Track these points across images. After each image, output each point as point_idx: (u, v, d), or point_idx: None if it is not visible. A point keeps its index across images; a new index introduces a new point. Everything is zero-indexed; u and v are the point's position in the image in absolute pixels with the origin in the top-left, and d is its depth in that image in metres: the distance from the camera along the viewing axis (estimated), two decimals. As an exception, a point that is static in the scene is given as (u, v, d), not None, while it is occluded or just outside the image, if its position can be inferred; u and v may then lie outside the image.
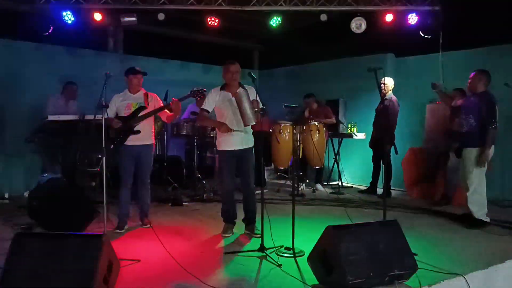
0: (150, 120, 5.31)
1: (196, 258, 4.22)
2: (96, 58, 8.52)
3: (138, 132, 5.13)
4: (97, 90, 4.51)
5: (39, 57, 7.80)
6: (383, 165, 7.15)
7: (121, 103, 5.21)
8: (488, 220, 5.38)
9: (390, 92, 7.37)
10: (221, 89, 5.00)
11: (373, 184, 7.75)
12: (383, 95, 7.33)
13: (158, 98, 5.39)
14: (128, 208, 5.30)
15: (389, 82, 7.33)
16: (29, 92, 7.51)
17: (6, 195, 6.99)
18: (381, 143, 7.13)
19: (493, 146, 5.29)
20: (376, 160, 7.65)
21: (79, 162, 6.87)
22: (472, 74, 5.46)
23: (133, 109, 5.18)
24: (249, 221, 5.09)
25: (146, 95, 5.27)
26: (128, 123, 5.13)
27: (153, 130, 5.42)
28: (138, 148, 5.18)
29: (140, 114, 5.16)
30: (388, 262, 3.30)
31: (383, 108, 7.02)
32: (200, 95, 5.26)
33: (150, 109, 5.21)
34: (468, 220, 5.42)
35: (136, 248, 4.51)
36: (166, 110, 5.23)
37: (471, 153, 5.31)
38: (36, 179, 5.76)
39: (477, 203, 5.34)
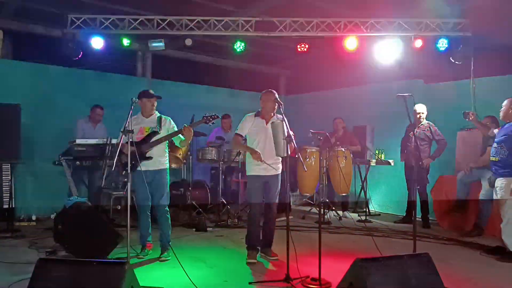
0: (163, 144, 5.16)
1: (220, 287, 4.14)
2: (125, 82, 8.64)
3: (150, 158, 5.03)
4: (124, 115, 4.42)
5: (69, 81, 7.96)
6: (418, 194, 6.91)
7: (134, 127, 4.96)
8: (524, 253, 5.15)
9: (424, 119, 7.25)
10: (256, 115, 5.00)
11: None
12: (418, 122, 7.19)
13: (172, 122, 5.24)
14: (148, 233, 5.24)
15: (424, 110, 7.19)
16: (58, 115, 7.65)
17: (34, 217, 7.05)
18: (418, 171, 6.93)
19: None
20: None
21: (106, 186, 6.94)
22: (505, 102, 5.33)
23: (145, 133, 5.08)
24: (266, 244, 5.09)
25: (159, 119, 5.18)
26: (140, 148, 4.99)
27: (167, 153, 5.27)
28: (151, 174, 5.06)
29: (153, 139, 5.05)
30: (419, 298, 3.15)
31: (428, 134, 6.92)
32: (212, 121, 5.12)
33: (163, 133, 5.09)
34: (502, 253, 5.20)
35: (160, 274, 4.45)
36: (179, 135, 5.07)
37: (504, 183, 5.15)
38: (63, 201, 5.79)
39: (512, 235, 5.13)
